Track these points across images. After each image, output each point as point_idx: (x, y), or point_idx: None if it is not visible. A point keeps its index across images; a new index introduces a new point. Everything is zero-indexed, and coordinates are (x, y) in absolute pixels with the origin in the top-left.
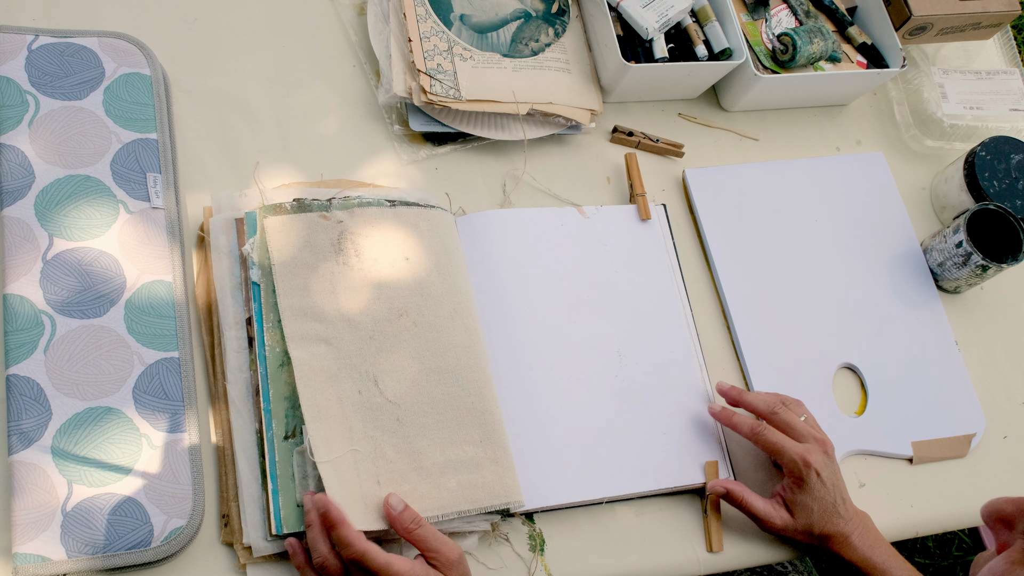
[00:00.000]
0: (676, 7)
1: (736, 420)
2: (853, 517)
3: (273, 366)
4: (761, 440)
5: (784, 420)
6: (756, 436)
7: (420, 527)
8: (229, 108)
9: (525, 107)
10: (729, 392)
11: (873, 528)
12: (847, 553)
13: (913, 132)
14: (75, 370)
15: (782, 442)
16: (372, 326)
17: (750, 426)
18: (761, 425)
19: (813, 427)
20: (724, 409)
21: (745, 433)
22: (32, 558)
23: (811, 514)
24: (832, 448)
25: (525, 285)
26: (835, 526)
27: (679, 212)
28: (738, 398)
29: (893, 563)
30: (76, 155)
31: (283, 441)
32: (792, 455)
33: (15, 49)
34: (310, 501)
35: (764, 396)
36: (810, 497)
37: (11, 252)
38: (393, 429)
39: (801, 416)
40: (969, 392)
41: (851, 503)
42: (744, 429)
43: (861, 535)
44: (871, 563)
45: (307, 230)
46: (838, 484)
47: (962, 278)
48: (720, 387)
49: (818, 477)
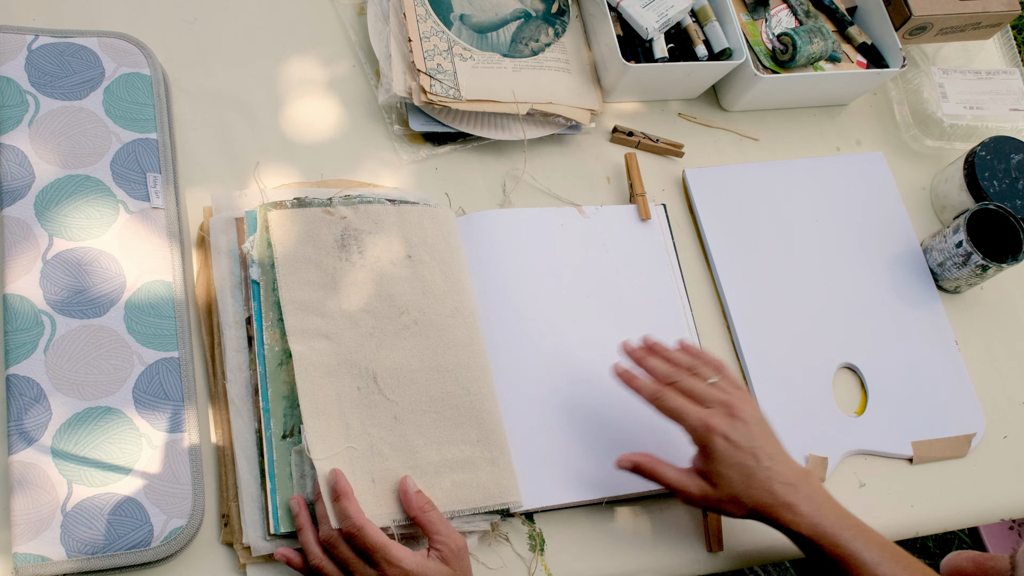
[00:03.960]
0: (676, 7)
1: (637, 383)
2: (794, 480)
3: (272, 365)
4: (661, 406)
5: (687, 386)
6: (656, 401)
7: (432, 510)
8: (229, 108)
9: (525, 107)
10: (634, 352)
11: (819, 489)
12: (793, 523)
13: (913, 132)
14: (75, 370)
15: (681, 407)
16: (373, 323)
17: (651, 391)
18: (663, 390)
19: (723, 389)
20: (626, 371)
21: (646, 397)
22: (32, 558)
23: (732, 482)
24: (743, 409)
25: (525, 285)
26: (771, 494)
27: (679, 212)
28: (641, 360)
29: (841, 526)
30: (76, 155)
31: (281, 440)
32: (692, 421)
33: (15, 49)
34: (297, 504)
35: (663, 364)
36: (723, 464)
37: (11, 252)
38: (390, 427)
39: (712, 378)
40: (969, 392)
41: (786, 464)
42: (645, 393)
43: (807, 500)
44: (820, 530)
45: (310, 225)
46: (761, 446)
47: (962, 278)
48: (625, 346)
49: (727, 441)
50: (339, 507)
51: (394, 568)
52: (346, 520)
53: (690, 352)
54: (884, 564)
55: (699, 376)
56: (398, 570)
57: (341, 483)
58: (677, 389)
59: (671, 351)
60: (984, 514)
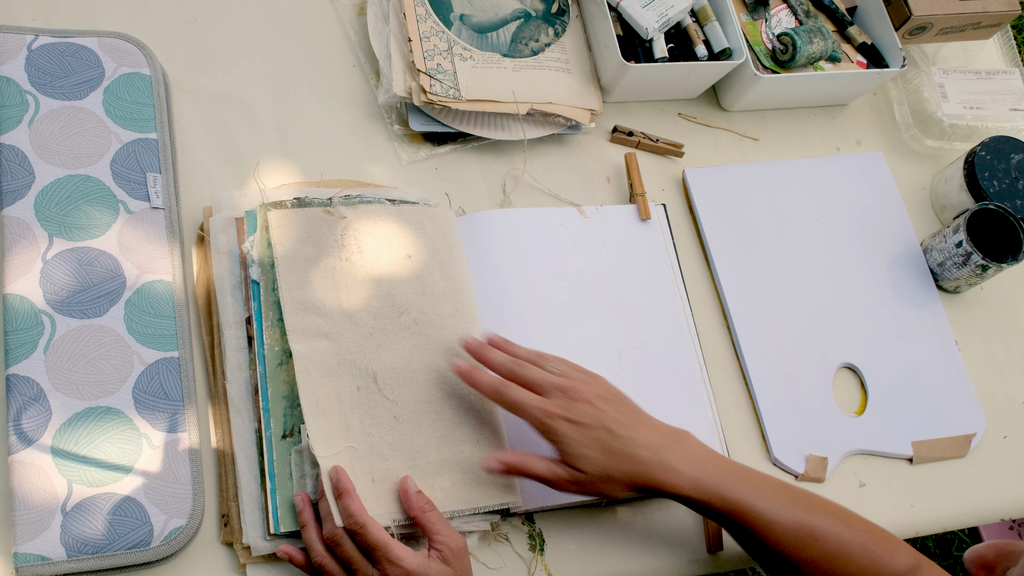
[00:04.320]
0: (676, 7)
1: (476, 378)
2: (660, 441)
3: (272, 365)
4: (502, 401)
5: (524, 377)
6: (499, 397)
7: (432, 510)
8: (229, 108)
9: (525, 107)
10: (474, 347)
11: (696, 445)
12: (674, 484)
13: (913, 132)
14: (75, 370)
15: (520, 400)
16: (372, 323)
17: (493, 387)
18: (503, 383)
19: (565, 375)
20: (468, 365)
21: (489, 395)
22: (32, 558)
23: (595, 461)
24: (583, 390)
25: (525, 285)
26: (639, 461)
27: (679, 212)
28: (481, 354)
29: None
30: (76, 155)
31: (281, 440)
32: (532, 411)
33: (15, 49)
34: (301, 501)
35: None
36: (577, 445)
37: (11, 252)
38: (390, 426)
39: (553, 367)
40: (969, 392)
41: (648, 428)
42: (485, 389)
43: (683, 458)
44: (703, 486)
45: (310, 224)
46: (611, 417)
47: (962, 278)
48: (465, 342)
49: (570, 423)
50: (342, 504)
51: (395, 567)
52: (349, 518)
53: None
54: (781, 509)
55: (540, 365)
56: (399, 569)
57: (343, 480)
58: (517, 380)
59: (512, 346)
60: (984, 514)
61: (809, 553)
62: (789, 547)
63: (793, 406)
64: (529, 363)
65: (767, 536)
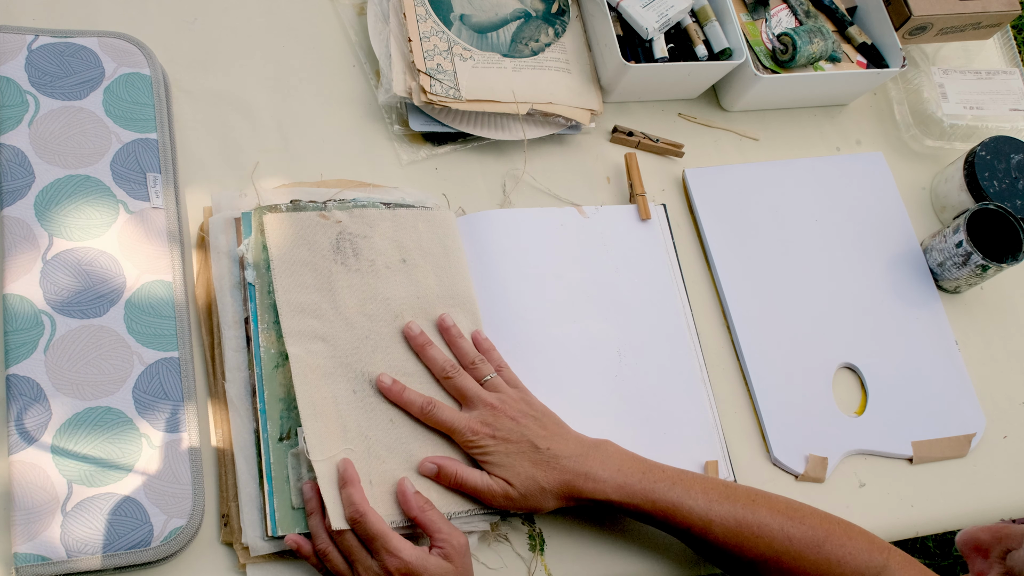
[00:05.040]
0: (676, 7)
1: (407, 397)
2: (581, 451)
3: (268, 367)
4: (432, 420)
5: (457, 385)
6: (427, 416)
7: (431, 509)
8: (229, 108)
9: (525, 107)
10: (417, 339)
11: (616, 452)
12: (599, 491)
13: (913, 132)
14: (75, 370)
15: (449, 419)
16: (368, 326)
17: (419, 406)
18: (431, 404)
19: (495, 388)
20: (395, 383)
21: (416, 413)
22: (32, 558)
23: (522, 473)
24: (508, 406)
25: (525, 285)
26: (563, 471)
27: (679, 212)
28: (422, 349)
29: (650, 480)
30: (76, 155)
31: (278, 443)
32: (459, 428)
33: (15, 49)
34: (310, 490)
35: (442, 355)
36: (505, 458)
37: (11, 252)
38: (386, 429)
39: (488, 376)
40: (969, 392)
41: (568, 441)
42: (414, 410)
43: (603, 464)
44: (628, 489)
45: (305, 228)
46: (534, 433)
47: (962, 278)
48: (408, 329)
49: (495, 439)
50: (344, 494)
51: (393, 558)
52: (350, 506)
53: (481, 346)
54: (716, 507)
55: (477, 372)
56: (397, 560)
57: (349, 471)
58: (449, 387)
59: (459, 339)
60: (984, 514)
61: (757, 550)
62: (732, 544)
63: (793, 406)
64: (468, 366)
65: (706, 535)
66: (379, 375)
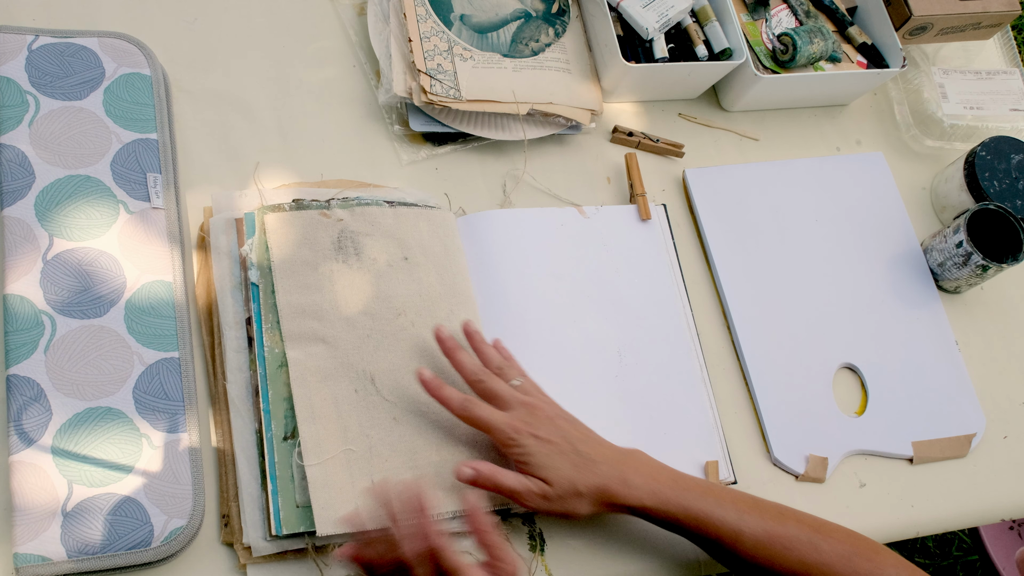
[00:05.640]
0: (676, 7)
1: (445, 394)
2: (617, 457)
3: (272, 367)
4: (469, 417)
5: (489, 388)
6: (464, 413)
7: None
8: (229, 108)
9: (525, 107)
10: (446, 342)
11: (649, 461)
12: (634, 496)
13: (913, 132)
14: (75, 370)
15: (488, 417)
16: (370, 324)
17: (458, 402)
18: (469, 400)
19: (525, 392)
20: (435, 378)
21: (454, 410)
22: (32, 558)
23: (562, 473)
24: (544, 408)
25: (525, 285)
26: (599, 475)
27: (679, 212)
28: (451, 352)
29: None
30: (76, 155)
31: (283, 442)
32: (500, 427)
33: (15, 49)
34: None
35: (472, 359)
36: (544, 458)
37: (11, 252)
38: (389, 427)
39: (515, 380)
40: (969, 392)
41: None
42: (453, 405)
43: (637, 471)
44: (662, 496)
45: (307, 227)
46: (572, 435)
47: (962, 278)
48: (438, 332)
49: (537, 439)
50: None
51: None
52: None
53: (502, 353)
54: (748, 519)
55: (504, 376)
56: None
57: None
58: (481, 390)
59: (484, 346)
60: (984, 514)
61: (784, 563)
62: (762, 557)
63: (793, 406)
64: (494, 371)
65: (736, 546)
66: (419, 368)
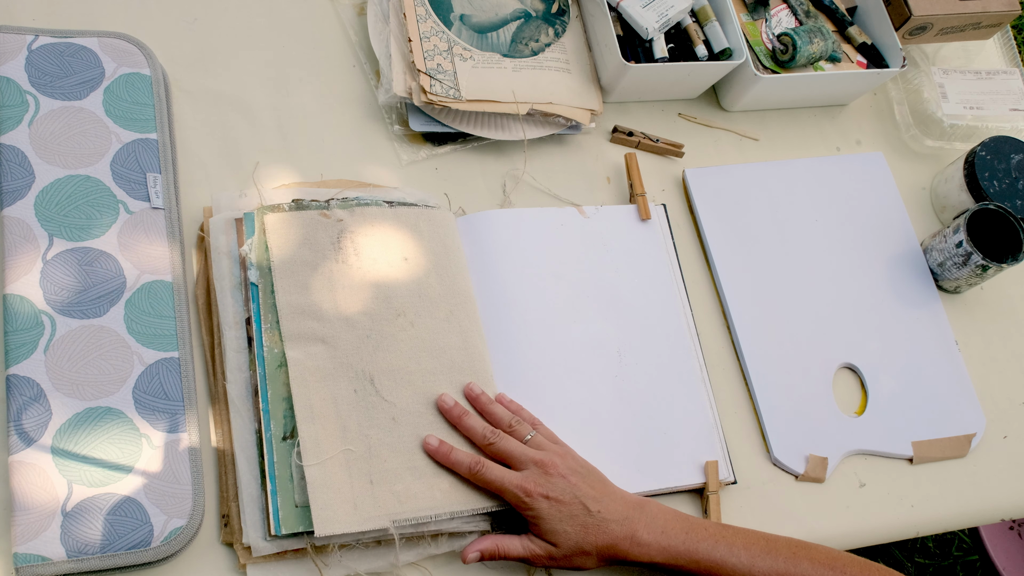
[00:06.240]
0: (676, 7)
1: (454, 458)
2: (627, 513)
3: (272, 367)
4: (480, 480)
5: (501, 449)
6: (475, 476)
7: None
8: (229, 108)
9: (525, 107)
10: (452, 411)
11: (660, 512)
12: (644, 554)
13: (913, 132)
14: (75, 370)
15: (499, 479)
16: (370, 325)
17: (468, 466)
18: (479, 463)
19: (538, 446)
20: (442, 444)
21: (464, 473)
22: (32, 558)
23: (570, 536)
24: (558, 464)
25: (525, 285)
26: (609, 535)
27: (679, 212)
28: (458, 421)
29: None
30: (76, 155)
31: (282, 442)
32: (511, 490)
33: (15, 49)
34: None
35: (479, 423)
36: (554, 522)
37: (11, 252)
38: (388, 428)
39: (528, 435)
40: (969, 392)
41: (616, 501)
42: (463, 469)
43: (647, 527)
44: (672, 551)
45: (307, 228)
46: (584, 494)
47: (962, 278)
48: (442, 403)
49: (548, 500)
50: None
51: None
52: None
53: (509, 407)
54: (758, 561)
55: (516, 433)
56: None
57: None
58: (493, 452)
59: (491, 405)
60: (984, 514)
61: None
62: None
63: (793, 406)
64: (505, 429)
65: None
66: (426, 436)
